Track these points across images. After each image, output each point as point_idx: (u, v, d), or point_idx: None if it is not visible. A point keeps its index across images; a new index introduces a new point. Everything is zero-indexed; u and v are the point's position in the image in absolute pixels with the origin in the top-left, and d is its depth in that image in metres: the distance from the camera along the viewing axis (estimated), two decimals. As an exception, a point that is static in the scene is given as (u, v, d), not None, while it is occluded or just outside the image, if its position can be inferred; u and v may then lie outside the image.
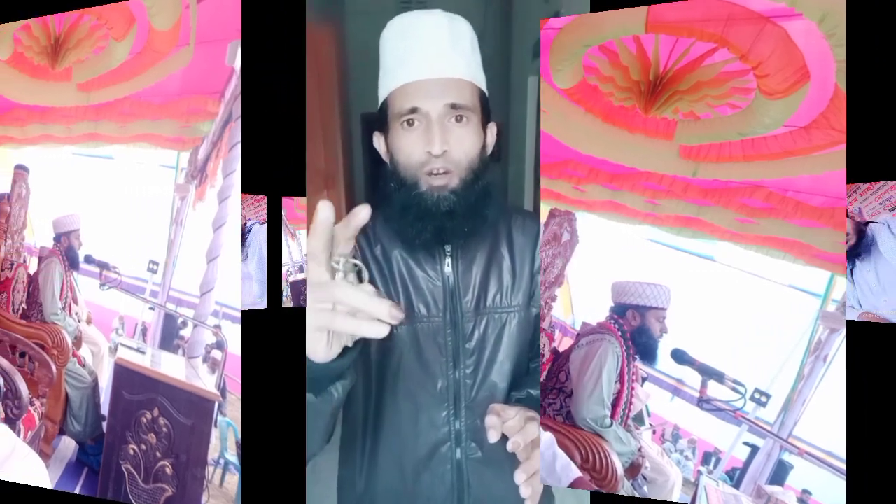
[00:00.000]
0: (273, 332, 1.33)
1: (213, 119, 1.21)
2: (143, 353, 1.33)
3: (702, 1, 1.26)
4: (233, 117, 1.17)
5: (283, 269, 1.39)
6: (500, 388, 1.03)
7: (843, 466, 1.17)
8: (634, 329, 1.40)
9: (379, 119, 0.97)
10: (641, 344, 1.40)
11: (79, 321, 1.52)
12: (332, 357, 0.67)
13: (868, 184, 1.20)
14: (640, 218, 1.38)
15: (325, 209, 0.61)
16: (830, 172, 1.21)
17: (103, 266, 1.43)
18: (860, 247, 1.21)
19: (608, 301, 1.42)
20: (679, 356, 1.36)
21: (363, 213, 0.62)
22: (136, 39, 1.32)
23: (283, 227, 1.36)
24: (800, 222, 1.26)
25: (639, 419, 1.44)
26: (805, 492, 1.28)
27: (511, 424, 0.85)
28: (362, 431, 1.02)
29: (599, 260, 1.44)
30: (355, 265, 0.60)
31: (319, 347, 0.65)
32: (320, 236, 0.60)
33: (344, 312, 0.59)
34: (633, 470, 1.39)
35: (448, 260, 0.99)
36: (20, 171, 1.57)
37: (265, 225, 1.33)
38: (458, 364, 0.99)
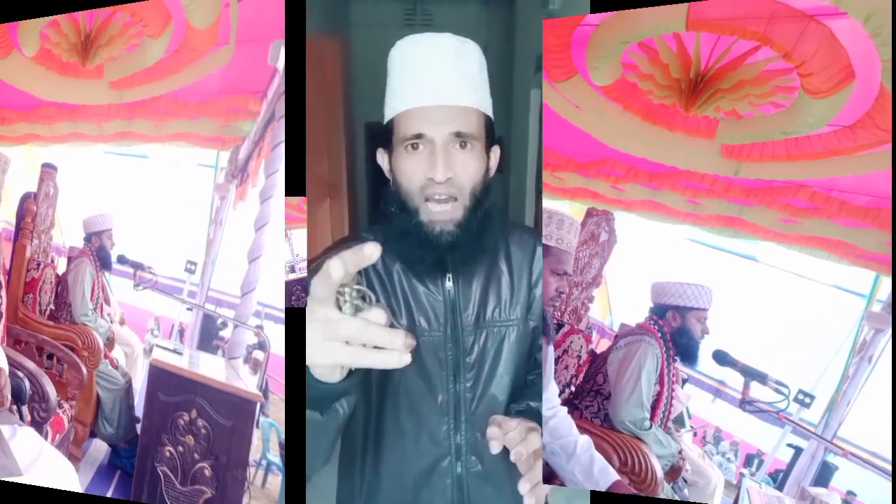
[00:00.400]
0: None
1: (254, 118, 1.20)
2: (181, 353, 1.31)
3: (744, -2, 1.25)
4: (275, 117, 1.16)
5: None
6: (500, 402, 1.02)
7: (889, 468, 1.15)
8: (675, 330, 1.39)
9: (384, 136, 0.96)
10: (682, 345, 1.39)
11: (111, 322, 1.51)
12: (342, 378, 0.67)
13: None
14: (680, 217, 1.37)
15: (375, 251, 0.56)
16: (876, 172, 1.20)
17: (137, 266, 1.41)
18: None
19: (647, 302, 1.41)
20: (721, 357, 1.35)
21: (372, 252, 0.55)
22: (173, 37, 1.30)
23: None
24: (844, 222, 1.25)
25: (679, 421, 1.43)
26: (850, 493, 1.27)
27: (512, 436, 0.84)
28: (362, 446, 1.01)
29: (638, 260, 1.43)
30: (359, 291, 0.56)
31: (334, 377, 0.65)
32: (350, 269, 0.56)
33: (359, 346, 0.56)
34: (673, 473, 1.38)
35: (449, 275, 0.99)
36: (47, 169, 1.55)
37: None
38: (458, 378, 0.99)
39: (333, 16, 2.76)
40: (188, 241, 1.32)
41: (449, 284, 0.98)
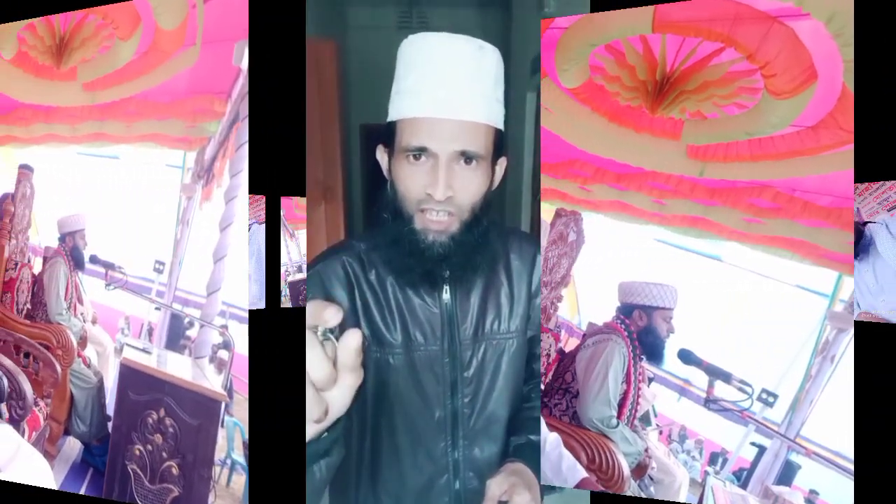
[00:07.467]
0: (273, 331, 1.32)
1: (219, 119, 1.21)
2: (149, 353, 1.32)
3: (709, 0, 1.26)
4: (240, 117, 1.17)
5: (282, 269, 1.38)
6: (500, 416, 1.00)
7: (851, 466, 1.16)
8: (641, 329, 1.40)
9: (386, 134, 0.91)
10: (648, 344, 1.40)
11: (84, 321, 1.52)
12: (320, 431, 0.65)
13: (866, 184, 1.19)
14: (646, 218, 1.38)
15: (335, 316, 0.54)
16: (838, 172, 1.21)
17: (109, 266, 1.42)
18: (858, 247, 1.20)
19: (614, 301, 1.42)
20: (686, 356, 1.36)
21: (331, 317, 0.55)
22: (142, 39, 1.31)
23: (282, 227, 1.35)
24: (807, 222, 1.25)
25: (645, 419, 1.44)
26: (812, 492, 1.28)
27: (494, 491, 0.86)
28: (357, 464, 0.99)
29: (606, 260, 1.44)
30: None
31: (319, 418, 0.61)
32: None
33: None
34: (639, 470, 1.39)
35: (446, 287, 0.95)
36: (24, 170, 1.57)
37: (264, 225, 1.31)
38: (455, 393, 0.96)
39: (330, 18, 2.77)
40: (157, 241, 1.33)
41: (447, 296, 0.95)
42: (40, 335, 1.52)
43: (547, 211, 1.48)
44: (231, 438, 1.21)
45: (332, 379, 0.54)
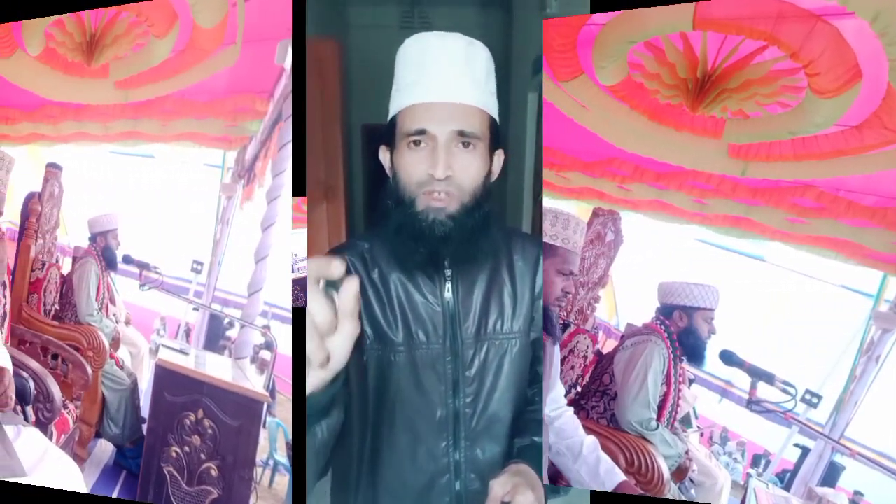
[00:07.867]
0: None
1: (261, 118, 1.20)
2: (187, 354, 1.31)
3: (751, -2, 1.25)
4: (282, 117, 1.15)
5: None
6: (502, 418, 0.98)
7: (897, 468, 1.16)
8: (681, 330, 1.39)
9: (387, 133, 0.94)
10: (689, 345, 1.38)
11: (116, 322, 1.50)
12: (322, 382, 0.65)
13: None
14: (687, 217, 1.37)
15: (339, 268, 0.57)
16: (883, 172, 1.20)
17: (143, 266, 1.41)
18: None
19: (654, 302, 1.41)
20: (728, 357, 1.35)
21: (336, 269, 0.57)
22: (179, 37, 1.30)
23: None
24: (852, 222, 1.24)
25: (686, 421, 1.43)
26: (857, 493, 1.27)
27: (497, 491, 0.85)
28: (357, 463, 0.97)
29: (645, 260, 1.43)
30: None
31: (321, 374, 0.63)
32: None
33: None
34: (679, 473, 1.38)
35: (448, 285, 0.95)
36: (52, 169, 1.55)
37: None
38: (457, 393, 0.95)
39: (332, 18, 2.77)
40: (194, 241, 1.32)
41: (448, 295, 0.95)
42: (69, 336, 1.51)
43: (584, 210, 1.47)
44: (274, 439, 1.19)
45: (333, 324, 0.57)
